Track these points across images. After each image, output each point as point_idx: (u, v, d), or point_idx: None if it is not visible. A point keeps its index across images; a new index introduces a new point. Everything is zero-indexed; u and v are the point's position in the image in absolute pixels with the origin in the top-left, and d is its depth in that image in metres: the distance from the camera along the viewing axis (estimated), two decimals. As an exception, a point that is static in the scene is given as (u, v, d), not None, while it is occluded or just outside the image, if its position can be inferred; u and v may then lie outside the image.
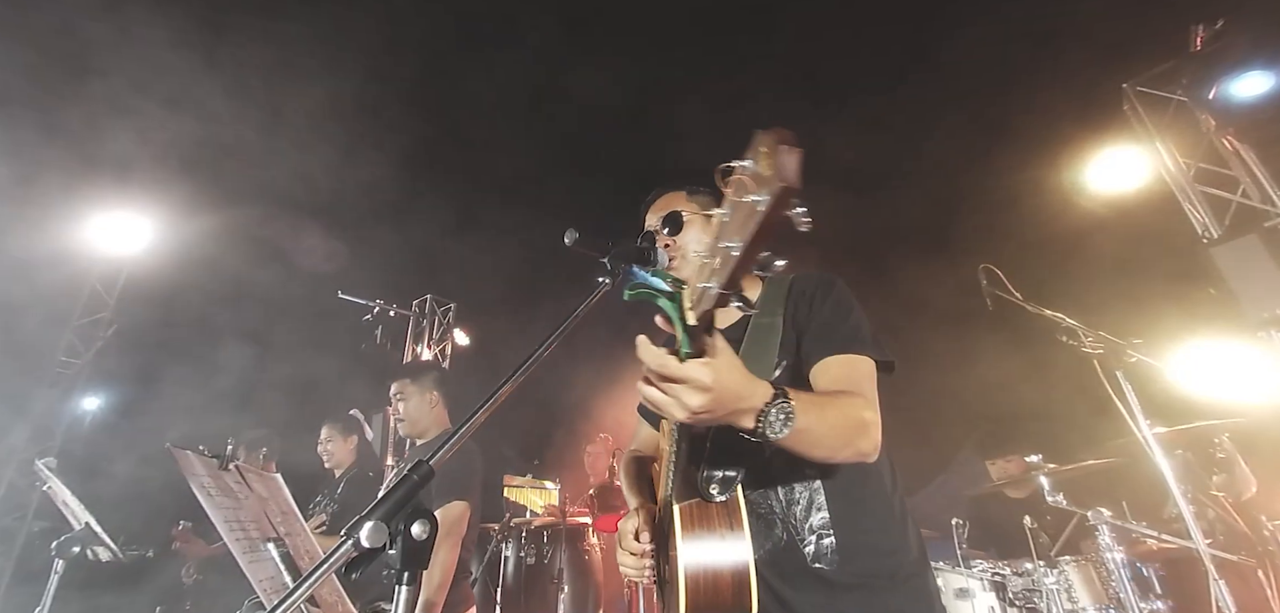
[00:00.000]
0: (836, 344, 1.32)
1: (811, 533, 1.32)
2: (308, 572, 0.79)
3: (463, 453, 2.65)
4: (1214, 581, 2.41)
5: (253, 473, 1.58)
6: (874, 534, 1.33)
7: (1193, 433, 2.99)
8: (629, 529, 1.47)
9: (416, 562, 0.85)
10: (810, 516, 1.33)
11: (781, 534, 1.35)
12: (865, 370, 1.30)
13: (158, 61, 5.61)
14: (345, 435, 3.70)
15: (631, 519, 1.48)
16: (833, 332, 1.35)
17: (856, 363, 1.31)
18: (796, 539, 1.33)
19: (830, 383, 1.28)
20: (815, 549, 1.31)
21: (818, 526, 1.32)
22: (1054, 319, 2.71)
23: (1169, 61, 4.86)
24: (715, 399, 0.91)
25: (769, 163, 0.62)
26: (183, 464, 1.84)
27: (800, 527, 1.34)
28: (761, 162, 0.63)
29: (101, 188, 6.25)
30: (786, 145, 0.61)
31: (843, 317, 1.38)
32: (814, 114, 6.57)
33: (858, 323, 1.37)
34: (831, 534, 1.31)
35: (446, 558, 2.42)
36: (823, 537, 1.31)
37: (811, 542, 1.32)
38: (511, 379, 1.01)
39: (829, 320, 1.37)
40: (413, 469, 0.87)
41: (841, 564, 1.29)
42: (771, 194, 0.61)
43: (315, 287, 7.44)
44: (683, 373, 0.89)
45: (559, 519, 4.81)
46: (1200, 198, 4.77)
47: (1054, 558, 2.90)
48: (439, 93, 6.96)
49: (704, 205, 1.67)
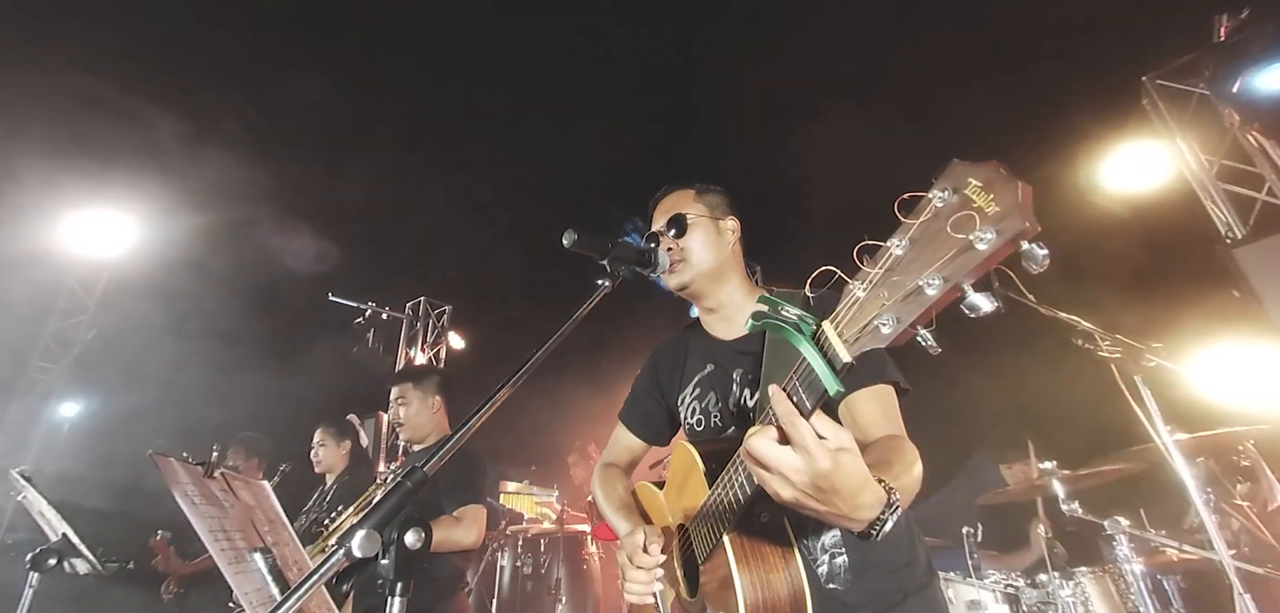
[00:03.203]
0: (864, 376, 1.34)
1: (824, 552, 1.34)
2: (297, 583, 0.79)
3: (470, 457, 2.69)
4: (1239, 594, 2.41)
5: (239, 481, 1.59)
6: (885, 551, 1.34)
7: (1215, 440, 2.98)
8: (638, 542, 1.39)
9: (409, 572, 0.85)
10: (821, 535, 1.35)
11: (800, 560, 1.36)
12: (894, 402, 1.34)
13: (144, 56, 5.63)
14: (339, 440, 3.70)
15: (639, 533, 1.41)
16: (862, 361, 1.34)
17: (886, 395, 1.34)
18: (809, 559, 1.33)
19: (868, 420, 1.30)
20: (828, 570, 1.33)
21: (830, 545, 1.34)
22: (1070, 322, 2.71)
23: (1190, 53, 4.83)
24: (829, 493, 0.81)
25: (994, 198, 0.58)
26: (166, 472, 1.84)
27: (813, 546, 1.35)
28: (977, 195, 0.60)
29: (81, 184, 6.25)
30: (1011, 176, 0.57)
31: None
32: (816, 114, 6.59)
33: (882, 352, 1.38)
34: (843, 553, 1.33)
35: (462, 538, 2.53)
36: (835, 556, 1.33)
37: (825, 561, 1.34)
38: (510, 383, 1.01)
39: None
40: (406, 476, 0.87)
41: (854, 583, 1.31)
42: (1003, 233, 0.58)
43: (305, 288, 7.45)
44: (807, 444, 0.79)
45: (557, 527, 4.81)
46: (1223, 196, 4.76)
47: (1070, 569, 2.90)
48: (435, 91, 6.97)
49: (713, 207, 1.68)
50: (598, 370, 7.01)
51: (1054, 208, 5.56)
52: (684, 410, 1.69)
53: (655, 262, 1.54)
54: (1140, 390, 2.58)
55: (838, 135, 5.97)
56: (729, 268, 1.66)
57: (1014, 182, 0.58)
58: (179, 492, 1.83)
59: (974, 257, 0.59)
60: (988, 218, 0.58)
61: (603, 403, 7.00)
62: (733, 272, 1.67)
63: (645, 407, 1.86)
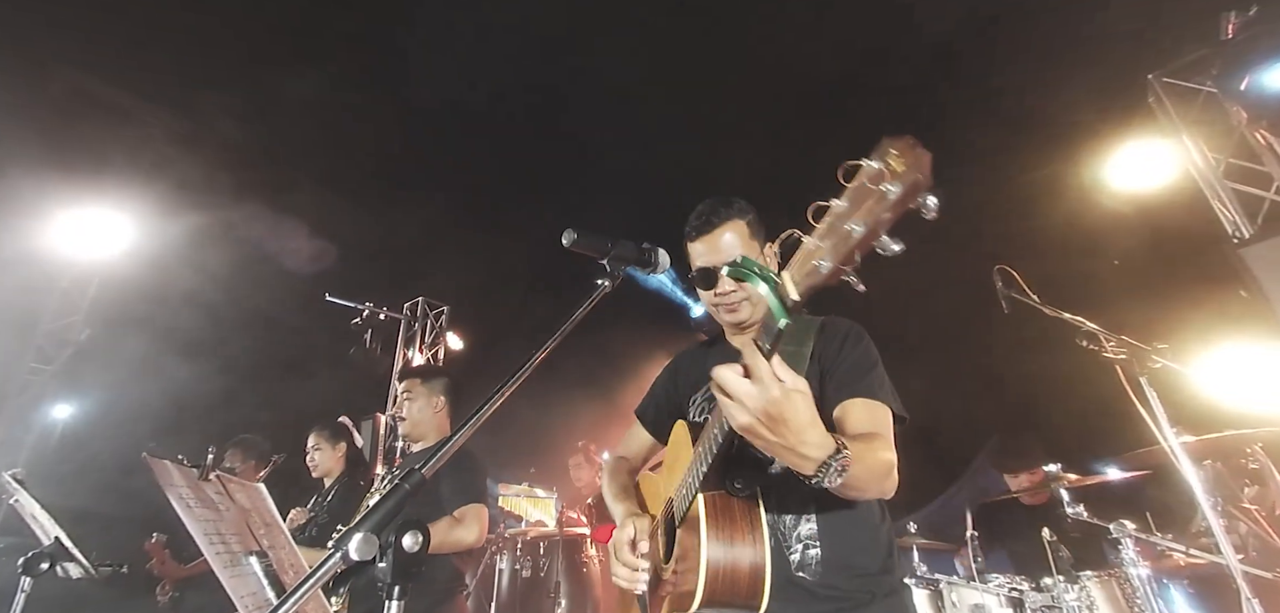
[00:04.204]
0: (864, 388, 1.43)
1: (799, 542, 1.42)
2: (293, 587, 0.79)
3: (469, 457, 2.71)
4: (1247, 599, 2.41)
5: (234, 483, 1.59)
6: (857, 554, 1.43)
7: (1222, 442, 2.97)
8: (626, 538, 1.57)
9: (407, 575, 0.85)
10: (799, 525, 1.43)
11: (769, 538, 1.40)
12: (887, 418, 1.41)
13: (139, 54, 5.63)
14: (334, 443, 3.70)
15: (629, 528, 1.58)
16: (862, 377, 1.46)
17: (877, 410, 1.41)
18: (783, 545, 1.42)
19: (856, 424, 1.38)
20: (800, 558, 1.41)
21: (805, 535, 1.42)
22: (1074, 323, 2.71)
23: (1198, 50, 4.82)
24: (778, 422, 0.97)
25: (903, 160, 0.76)
26: (160, 474, 1.84)
27: (789, 534, 1.44)
28: (893, 160, 0.76)
29: (74, 184, 6.24)
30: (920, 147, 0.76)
31: (869, 366, 1.49)
32: (820, 112, 6.59)
33: (882, 375, 1.49)
34: (818, 546, 1.41)
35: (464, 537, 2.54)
36: (809, 547, 1.41)
37: (798, 550, 1.41)
38: (509, 384, 1.01)
39: (858, 364, 1.49)
40: (404, 478, 0.88)
41: (823, 576, 1.39)
42: (905, 184, 0.75)
43: (302, 289, 7.45)
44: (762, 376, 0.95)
45: (556, 529, 4.81)
46: (1230, 195, 4.75)
47: (1075, 573, 2.90)
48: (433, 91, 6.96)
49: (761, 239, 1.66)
50: (596, 372, 7.02)
51: (1059, 206, 5.57)
52: (693, 410, 1.77)
53: (654, 261, 1.54)
54: (1146, 392, 2.58)
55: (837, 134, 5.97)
56: None
57: (918, 149, 0.76)
58: (173, 494, 1.83)
59: (885, 204, 0.77)
60: (897, 175, 0.76)
61: (603, 404, 7.01)
62: None
63: (659, 405, 1.95)
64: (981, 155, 5.93)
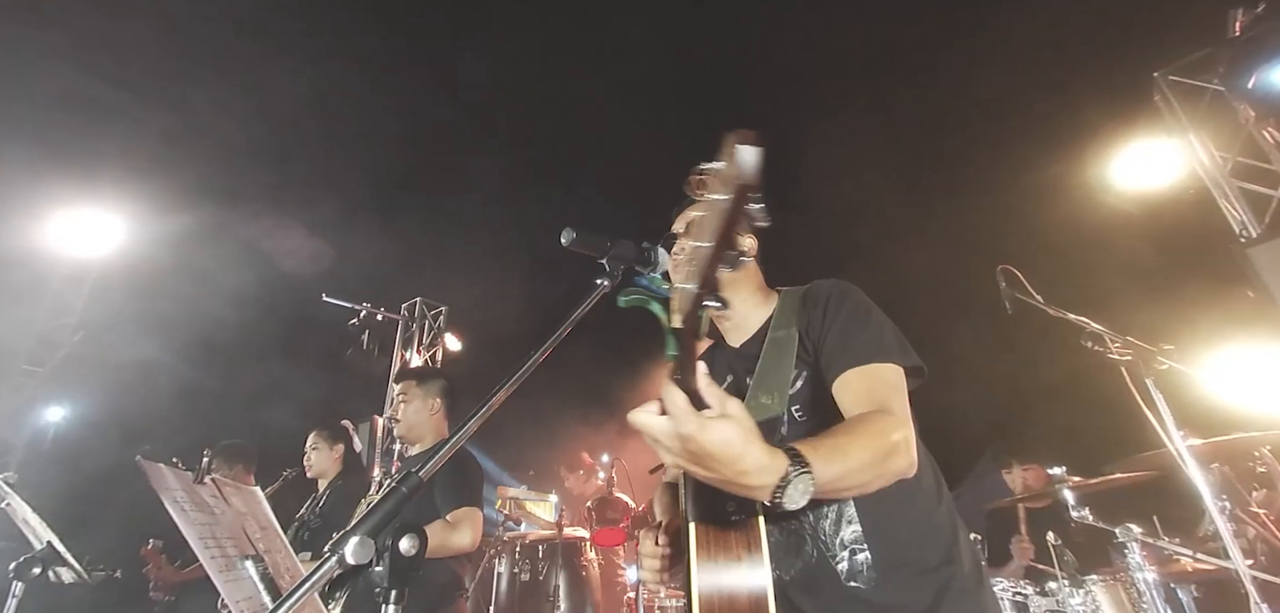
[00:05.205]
0: (855, 355, 1.30)
1: (843, 549, 1.30)
2: (288, 591, 0.79)
3: (464, 459, 2.71)
4: (1256, 603, 2.40)
5: (231, 486, 1.59)
6: (913, 548, 1.29)
7: (1230, 445, 2.97)
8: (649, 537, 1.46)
9: (404, 579, 0.85)
10: (841, 529, 1.31)
11: (812, 551, 1.33)
12: (890, 379, 1.28)
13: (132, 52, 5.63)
14: (331, 444, 3.70)
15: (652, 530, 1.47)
16: (850, 342, 1.33)
17: (878, 373, 1.28)
18: (828, 556, 1.30)
19: (853, 400, 1.26)
20: (849, 567, 1.28)
21: (850, 540, 1.29)
22: (1078, 323, 2.70)
23: (1204, 48, 4.82)
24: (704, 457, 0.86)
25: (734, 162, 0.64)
26: (154, 478, 1.84)
27: (831, 542, 1.31)
28: (727, 161, 0.66)
29: (67, 183, 6.24)
30: (745, 143, 0.64)
31: (861, 325, 1.36)
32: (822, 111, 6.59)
33: (878, 330, 1.35)
34: (866, 549, 1.28)
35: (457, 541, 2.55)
36: (856, 552, 1.28)
37: (845, 559, 1.29)
38: (507, 385, 1.01)
39: (846, 329, 1.35)
40: (401, 481, 0.87)
41: (880, 582, 1.25)
42: (731, 191, 0.65)
43: (298, 289, 7.45)
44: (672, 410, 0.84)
45: (555, 532, 4.80)
46: (1237, 194, 4.75)
47: (1080, 577, 2.90)
48: (431, 89, 6.98)
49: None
50: (597, 375, 7.01)
51: (1063, 206, 5.56)
52: None
53: (654, 260, 1.53)
54: (1152, 394, 2.58)
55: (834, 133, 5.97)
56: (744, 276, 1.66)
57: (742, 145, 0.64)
58: (168, 498, 1.83)
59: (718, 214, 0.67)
60: (726, 179, 0.66)
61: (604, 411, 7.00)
62: (747, 279, 1.66)
63: None
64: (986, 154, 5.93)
